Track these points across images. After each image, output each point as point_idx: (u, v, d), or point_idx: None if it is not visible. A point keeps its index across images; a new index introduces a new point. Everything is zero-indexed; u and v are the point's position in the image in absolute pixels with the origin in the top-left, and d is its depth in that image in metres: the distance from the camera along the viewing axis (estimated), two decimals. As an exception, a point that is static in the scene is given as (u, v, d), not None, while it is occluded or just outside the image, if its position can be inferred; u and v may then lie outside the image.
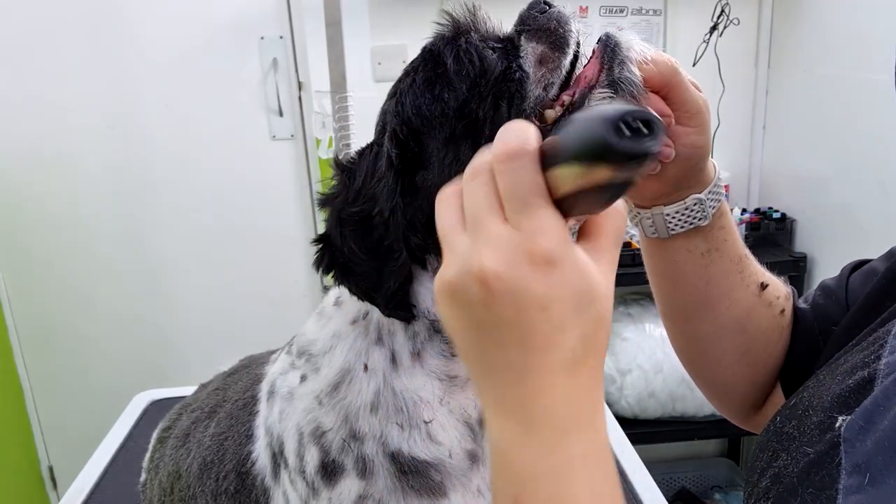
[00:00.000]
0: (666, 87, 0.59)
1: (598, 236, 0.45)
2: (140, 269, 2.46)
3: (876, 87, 1.91)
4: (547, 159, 0.41)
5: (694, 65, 2.39)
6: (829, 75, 2.12)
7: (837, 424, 0.49)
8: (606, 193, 0.41)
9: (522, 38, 0.56)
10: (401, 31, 2.28)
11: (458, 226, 0.44)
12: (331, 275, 0.58)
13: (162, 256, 2.46)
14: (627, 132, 0.37)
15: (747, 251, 0.70)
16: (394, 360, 0.62)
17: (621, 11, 2.34)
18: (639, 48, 0.56)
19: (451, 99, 0.55)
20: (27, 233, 2.39)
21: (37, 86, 2.28)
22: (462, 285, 0.42)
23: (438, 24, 0.57)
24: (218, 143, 2.38)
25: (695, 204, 0.65)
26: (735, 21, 2.36)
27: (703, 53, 2.38)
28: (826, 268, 2.21)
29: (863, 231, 2.00)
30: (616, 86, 0.55)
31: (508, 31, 0.58)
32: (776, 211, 2.36)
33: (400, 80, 0.60)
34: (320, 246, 0.60)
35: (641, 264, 2.67)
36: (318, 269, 0.59)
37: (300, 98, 2.36)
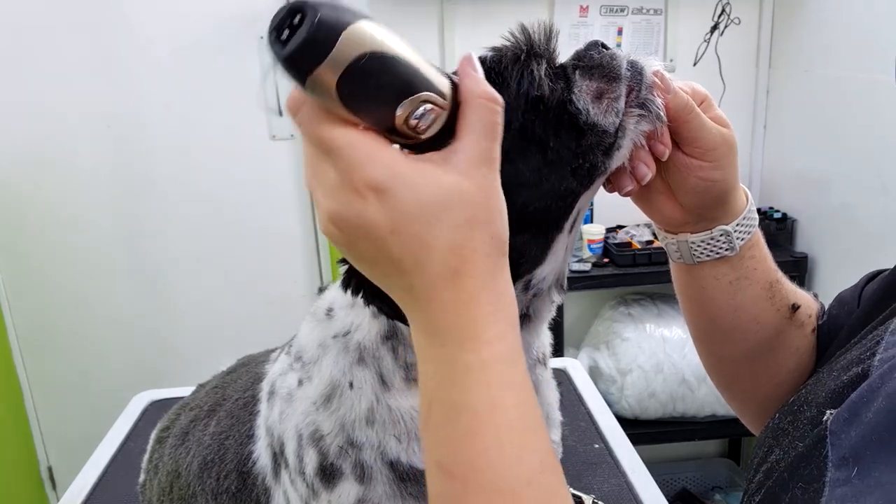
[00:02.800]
0: (677, 121, 0.58)
1: (457, 135, 0.45)
2: (139, 269, 2.46)
3: (876, 87, 1.91)
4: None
5: (694, 64, 2.39)
6: (829, 75, 2.12)
7: (825, 418, 0.49)
8: (355, 95, 0.42)
9: (577, 73, 0.56)
10: (401, 31, 2.26)
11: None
12: (360, 295, 0.56)
13: (161, 256, 2.46)
14: (287, 34, 0.39)
15: (779, 275, 0.69)
16: (383, 381, 0.61)
17: (621, 11, 2.33)
18: (660, 77, 0.56)
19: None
20: (27, 233, 2.38)
21: (36, 85, 2.27)
22: (329, 234, 0.44)
23: (512, 36, 0.55)
24: (217, 143, 2.38)
25: (721, 235, 0.64)
26: (736, 21, 2.36)
27: (703, 53, 2.38)
28: (827, 268, 2.21)
29: (863, 231, 2.00)
30: (645, 106, 0.55)
31: (565, 62, 0.57)
32: (777, 211, 2.36)
33: None
34: (347, 267, 0.57)
35: (642, 264, 2.67)
36: (345, 291, 0.57)
37: (300, 98, 2.35)
